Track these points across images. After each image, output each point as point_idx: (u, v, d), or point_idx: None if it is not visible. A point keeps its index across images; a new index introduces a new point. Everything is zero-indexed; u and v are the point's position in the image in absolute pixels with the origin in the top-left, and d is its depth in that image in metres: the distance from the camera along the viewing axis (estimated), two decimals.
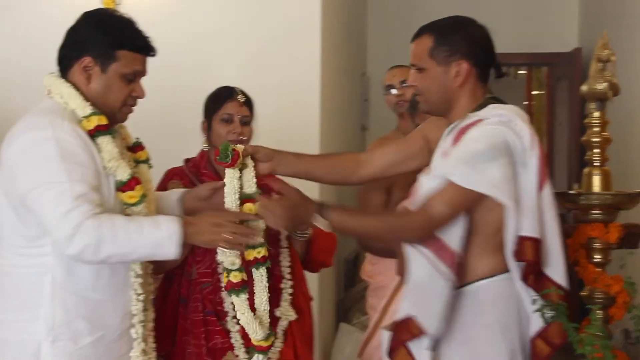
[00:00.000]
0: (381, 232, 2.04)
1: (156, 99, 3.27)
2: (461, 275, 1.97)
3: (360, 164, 2.25)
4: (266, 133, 2.49)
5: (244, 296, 2.08)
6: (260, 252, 2.09)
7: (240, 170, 2.08)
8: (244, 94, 2.46)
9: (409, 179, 2.75)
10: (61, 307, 1.90)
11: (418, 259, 1.97)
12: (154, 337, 2.11)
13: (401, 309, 2.02)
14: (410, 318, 1.96)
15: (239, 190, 2.06)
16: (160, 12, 3.50)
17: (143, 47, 2.02)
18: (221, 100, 2.43)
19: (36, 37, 3.44)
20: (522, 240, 1.92)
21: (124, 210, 1.97)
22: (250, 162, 2.11)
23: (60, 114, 1.91)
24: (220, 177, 2.23)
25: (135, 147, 2.15)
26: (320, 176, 2.30)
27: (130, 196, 1.95)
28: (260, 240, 2.07)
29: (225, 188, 2.07)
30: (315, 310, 2.76)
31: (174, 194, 2.25)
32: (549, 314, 1.94)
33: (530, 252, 1.91)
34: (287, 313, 2.36)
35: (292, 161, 2.19)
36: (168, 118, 3.41)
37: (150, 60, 3.63)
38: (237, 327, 2.26)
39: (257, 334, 2.12)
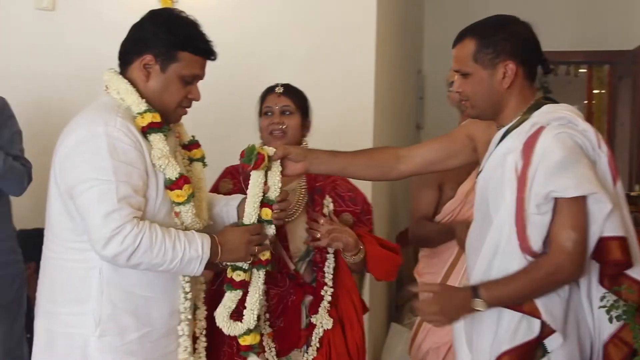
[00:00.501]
0: (536, 290, 1.86)
1: (213, 98, 3.34)
2: None
3: (399, 159, 2.20)
4: (320, 129, 2.49)
5: (236, 296, 2.07)
6: (265, 255, 2.08)
7: (266, 172, 2.07)
8: (286, 85, 2.44)
9: (460, 176, 2.74)
10: (108, 303, 1.91)
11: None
12: (205, 335, 2.12)
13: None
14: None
15: (262, 194, 2.06)
16: (216, 10, 3.53)
17: (205, 50, 2.02)
18: (263, 96, 2.45)
19: (94, 38, 3.51)
20: (606, 241, 1.82)
21: (172, 208, 1.97)
22: (276, 166, 2.08)
23: (115, 110, 1.92)
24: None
25: (191, 145, 2.16)
26: (356, 172, 2.25)
27: (178, 195, 1.95)
28: (267, 245, 2.08)
29: (248, 191, 2.06)
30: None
31: (235, 199, 2.23)
32: (615, 313, 1.83)
33: (619, 252, 1.81)
34: (323, 320, 2.29)
35: (326, 159, 2.16)
36: (225, 116, 3.43)
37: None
38: (269, 330, 2.27)
39: (225, 327, 2.09)
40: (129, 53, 2.01)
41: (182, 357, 2.02)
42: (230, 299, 2.08)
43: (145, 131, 1.94)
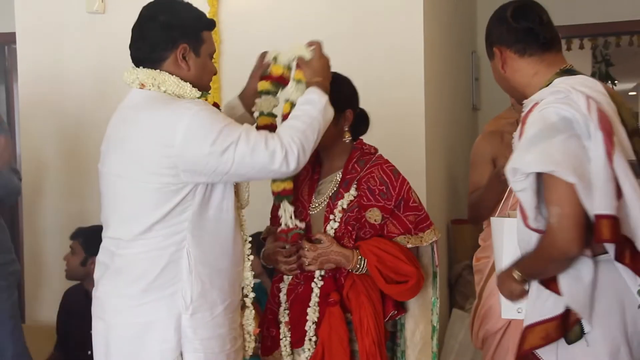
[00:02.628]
0: (541, 265, 1.88)
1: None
2: None
3: None
4: (370, 113, 2.45)
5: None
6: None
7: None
8: None
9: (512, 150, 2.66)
10: (197, 280, 1.98)
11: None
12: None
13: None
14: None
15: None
16: (258, 5, 3.53)
17: (213, 23, 2.14)
18: None
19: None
20: (597, 219, 1.75)
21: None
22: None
23: (176, 99, 2.00)
24: None
25: None
26: None
27: None
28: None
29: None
30: None
31: (236, 108, 2.33)
32: None
33: (608, 232, 1.74)
34: (313, 314, 2.23)
35: None
36: None
37: (253, 50, 3.70)
38: (286, 318, 2.27)
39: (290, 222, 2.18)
40: (157, 51, 2.03)
41: (252, 327, 2.16)
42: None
43: None
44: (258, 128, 2.17)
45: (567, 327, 1.84)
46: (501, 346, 2.65)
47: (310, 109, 2.06)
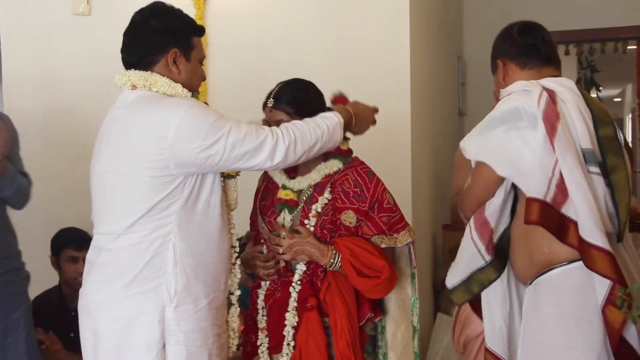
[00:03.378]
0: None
1: (245, 92, 3.35)
2: (537, 263, 1.96)
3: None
4: None
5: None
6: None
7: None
8: (278, 93, 2.26)
9: None
10: (182, 273, 2.00)
11: (465, 238, 2.08)
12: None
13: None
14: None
15: None
16: (244, 9, 3.53)
17: (203, 30, 2.18)
18: (262, 106, 2.32)
19: None
20: (528, 202, 1.91)
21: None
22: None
23: (168, 97, 2.03)
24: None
25: None
26: None
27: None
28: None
29: None
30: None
31: None
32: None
33: (536, 214, 1.89)
34: (291, 319, 2.23)
35: None
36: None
37: (239, 54, 3.67)
38: (264, 324, 2.27)
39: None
40: (149, 55, 2.06)
41: (236, 324, 2.18)
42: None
43: None
44: None
45: None
46: (481, 352, 2.66)
47: (321, 121, 2.12)
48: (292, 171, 2.30)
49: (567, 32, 5.23)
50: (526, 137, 1.93)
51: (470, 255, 2.06)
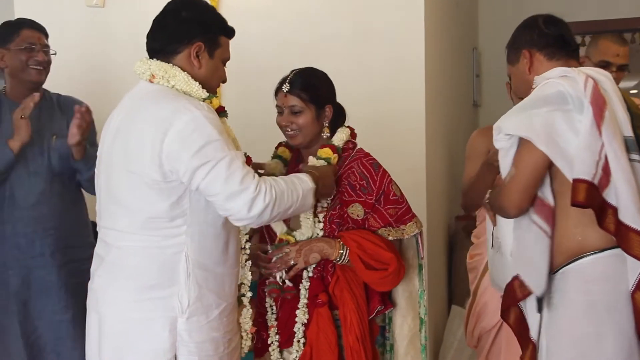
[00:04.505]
0: (494, 208, 2.11)
1: (258, 85, 3.34)
2: (567, 251, 1.94)
3: None
4: (369, 110, 2.45)
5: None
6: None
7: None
8: (294, 78, 2.27)
9: None
10: (195, 284, 1.99)
11: (522, 219, 2.00)
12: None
13: (511, 271, 2.03)
14: (517, 278, 1.98)
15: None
16: (259, 3, 3.51)
17: (232, 32, 2.15)
18: (275, 91, 2.33)
19: (141, 34, 3.52)
20: (574, 183, 1.86)
21: None
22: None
23: (185, 96, 2.00)
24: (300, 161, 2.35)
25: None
26: None
27: None
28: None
29: None
30: (427, 293, 2.66)
31: None
32: None
33: (583, 195, 1.84)
34: (301, 315, 2.23)
35: None
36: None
37: (254, 44, 3.66)
38: (274, 322, 2.27)
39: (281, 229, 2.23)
40: (173, 43, 2.05)
41: (248, 325, 2.17)
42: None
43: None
44: None
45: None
46: (495, 344, 2.65)
47: (298, 184, 2.06)
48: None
49: (582, 23, 5.18)
50: (572, 120, 1.92)
51: (534, 238, 1.97)
